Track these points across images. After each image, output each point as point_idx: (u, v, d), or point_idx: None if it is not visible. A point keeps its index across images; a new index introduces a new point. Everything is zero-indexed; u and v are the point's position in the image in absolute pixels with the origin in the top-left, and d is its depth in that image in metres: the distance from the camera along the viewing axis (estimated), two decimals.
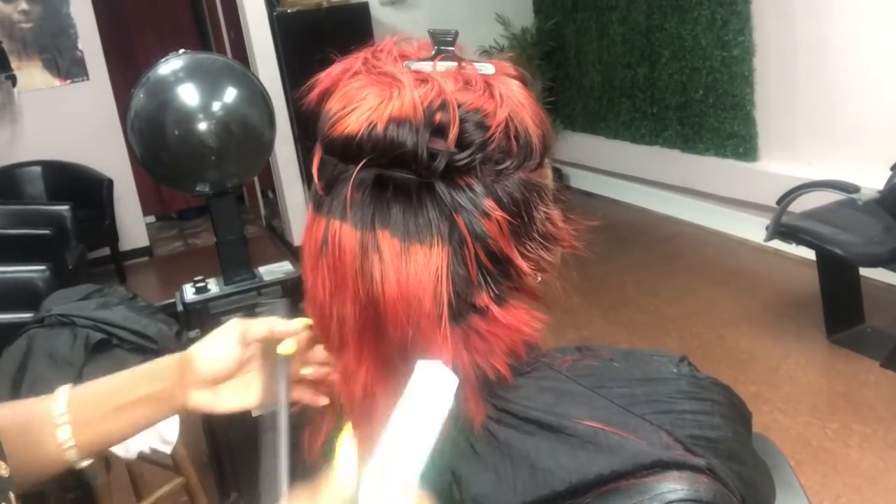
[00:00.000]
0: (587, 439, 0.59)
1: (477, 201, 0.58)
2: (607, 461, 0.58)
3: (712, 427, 0.63)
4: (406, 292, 0.57)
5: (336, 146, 0.59)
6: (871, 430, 2.59)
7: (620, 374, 0.65)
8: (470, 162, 0.57)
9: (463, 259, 0.58)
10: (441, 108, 0.56)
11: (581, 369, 0.65)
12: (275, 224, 5.92)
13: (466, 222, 0.57)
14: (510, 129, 0.59)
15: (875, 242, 2.87)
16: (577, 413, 0.61)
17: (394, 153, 0.56)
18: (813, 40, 3.74)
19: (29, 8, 5.24)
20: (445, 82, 0.58)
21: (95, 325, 2.11)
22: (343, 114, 0.58)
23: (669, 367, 0.67)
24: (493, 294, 0.60)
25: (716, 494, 0.58)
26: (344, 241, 0.58)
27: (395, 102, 0.56)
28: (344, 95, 0.59)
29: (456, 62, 0.61)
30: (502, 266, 0.61)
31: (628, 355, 0.68)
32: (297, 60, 4.83)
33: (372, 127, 0.56)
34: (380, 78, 0.59)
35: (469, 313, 0.60)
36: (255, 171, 2.44)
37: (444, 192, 0.57)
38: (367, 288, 0.58)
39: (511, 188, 0.59)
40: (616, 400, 0.62)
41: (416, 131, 0.55)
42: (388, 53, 0.62)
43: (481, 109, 0.58)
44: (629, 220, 5.08)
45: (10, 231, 4.29)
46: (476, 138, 0.57)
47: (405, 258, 0.57)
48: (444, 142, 0.56)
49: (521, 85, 0.62)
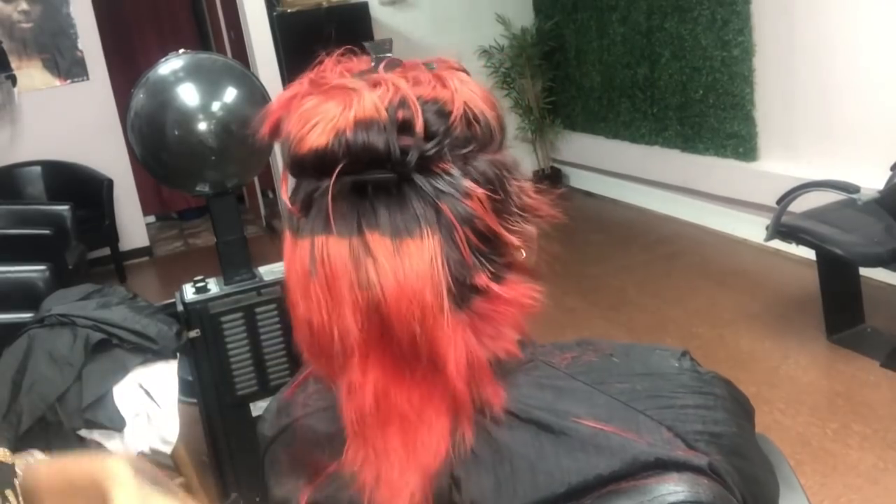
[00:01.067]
0: (587, 440, 0.59)
1: (456, 184, 0.59)
2: (607, 463, 0.58)
3: (715, 422, 0.62)
4: (407, 289, 0.57)
5: (306, 163, 0.59)
6: (871, 430, 2.59)
7: (621, 370, 0.65)
8: (440, 149, 0.58)
9: (455, 243, 0.59)
10: (401, 104, 0.57)
11: (580, 365, 0.65)
12: (275, 224, 5.92)
13: (451, 206, 0.58)
14: (468, 113, 0.60)
15: (875, 242, 2.87)
16: (577, 411, 0.60)
17: (367, 155, 0.57)
18: (813, 40, 3.74)
19: (29, 8, 5.24)
20: (398, 81, 0.59)
21: (95, 325, 2.11)
22: (305, 131, 0.58)
23: (671, 362, 0.67)
24: (490, 272, 0.61)
25: (716, 496, 0.58)
26: (333, 254, 0.58)
27: (355, 108, 0.57)
28: (300, 116, 0.59)
29: (399, 65, 0.62)
30: (492, 243, 0.61)
31: (629, 350, 0.68)
32: (297, 60, 4.82)
33: (340, 134, 0.57)
34: (332, 92, 0.59)
35: (471, 296, 0.60)
36: (255, 171, 2.45)
37: (423, 183, 0.58)
38: (365, 295, 0.58)
39: (482, 168, 0.61)
40: (617, 396, 0.62)
41: (383, 130, 0.56)
42: (332, 71, 0.63)
43: (438, 99, 0.59)
44: (629, 220, 5.08)
45: (10, 231, 4.29)
46: (440, 126, 0.58)
47: (399, 255, 0.57)
48: (411, 136, 0.57)
49: (465, 76, 0.63)
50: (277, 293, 2.29)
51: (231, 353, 2.28)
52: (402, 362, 0.60)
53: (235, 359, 2.29)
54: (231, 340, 2.28)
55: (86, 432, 2.01)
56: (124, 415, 2.03)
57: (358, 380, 0.61)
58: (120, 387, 2.06)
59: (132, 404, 2.05)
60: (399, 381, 0.60)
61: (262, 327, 2.30)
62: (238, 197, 4.44)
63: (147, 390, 2.09)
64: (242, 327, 2.28)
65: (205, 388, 2.32)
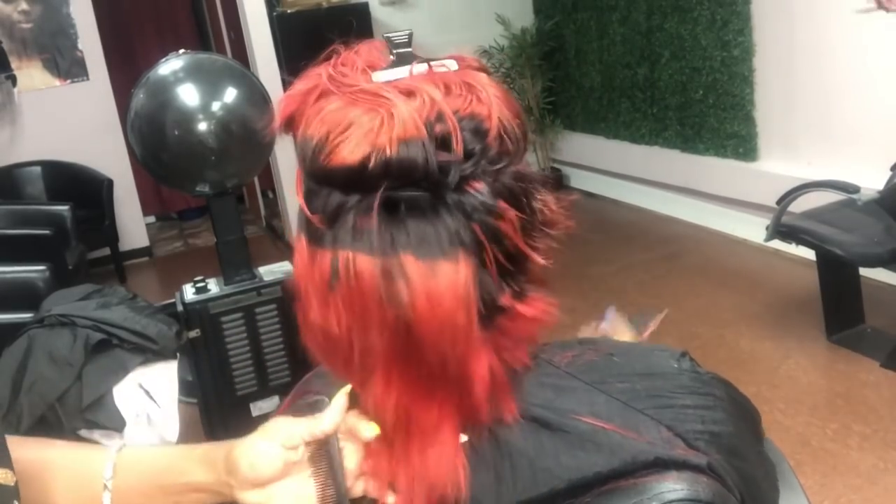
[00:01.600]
0: (587, 437, 0.59)
1: (489, 204, 0.57)
2: (607, 460, 0.58)
3: (714, 422, 0.63)
4: (440, 311, 0.56)
5: (337, 176, 0.56)
6: (871, 430, 2.59)
7: (621, 369, 0.65)
8: (476, 168, 0.56)
9: (484, 264, 0.57)
10: (438, 119, 0.55)
11: (581, 365, 0.65)
12: (275, 224, 5.92)
13: (482, 226, 0.57)
14: (501, 128, 0.58)
15: (875, 242, 2.87)
16: (577, 409, 0.61)
17: (407, 174, 0.55)
18: (813, 40, 3.74)
19: (29, 8, 5.24)
20: (432, 90, 0.57)
21: (95, 325, 2.11)
22: (335, 143, 0.55)
23: (670, 362, 0.67)
24: (514, 291, 0.60)
25: (715, 494, 0.58)
26: (361, 272, 0.56)
27: (396, 123, 0.54)
28: (323, 121, 0.56)
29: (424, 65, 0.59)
30: (518, 262, 0.60)
31: (629, 350, 0.68)
32: (297, 60, 4.81)
33: (380, 152, 0.54)
34: (359, 97, 0.56)
35: (496, 316, 0.59)
36: (255, 171, 2.45)
37: (455, 202, 0.56)
38: (394, 314, 0.56)
39: (511, 185, 0.59)
40: (616, 395, 0.62)
41: (423, 148, 0.54)
42: (353, 66, 0.60)
43: (476, 115, 0.57)
44: (629, 221, 5.08)
45: (10, 231, 4.29)
46: (477, 144, 0.57)
47: (432, 277, 0.56)
48: (448, 153, 0.55)
49: (489, 77, 0.61)
50: (277, 293, 2.29)
51: (231, 353, 2.28)
52: (425, 381, 0.59)
53: (235, 359, 2.29)
54: (231, 340, 2.28)
55: (86, 432, 2.01)
56: (124, 415, 2.03)
57: (380, 395, 0.60)
58: (120, 387, 2.06)
59: (132, 404, 2.05)
60: (421, 398, 0.60)
61: (262, 327, 2.30)
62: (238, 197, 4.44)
63: (147, 390, 2.09)
64: (242, 327, 2.28)
65: (205, 388, 2.32)
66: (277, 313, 2.30)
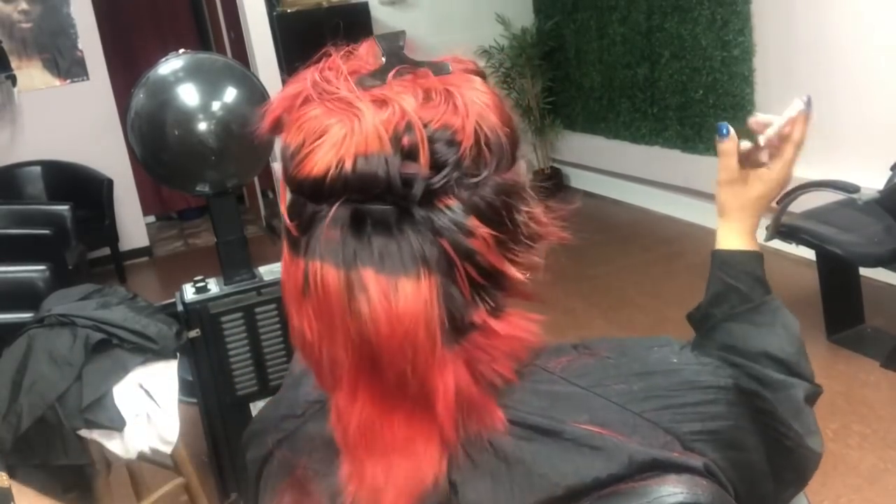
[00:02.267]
0: (583, 442, 0.59)
1: (459, 221, 0.56)
2: (605, 465, 0.58)
3: (713, 417, 0.62)
4: (398, 328, 0.55)
5: (305, 188, 0.56)
6: (871, 430, 2.59)
7: (618, 370, 0.64)
8: (446, 183, 0.55)
9: (454, 280, 0.56)
10: (407, 130, 0.54)
11: (577, 369, 0.64)
12: (275, 224, 5.92)
13: (452, 243, 0.56)
14: (480, 137, 0.57)
15: (875, 242, 2.87)
16: (573, 415, 0.60)
17: (366, 189, 0.54)
18: (813, 40, 3.74)
19: (29, 8, 5.24)
20: (405, 100, 0.55)
21: (95, 325, 2.11)
22: (305, 152, 0.55)
23: (670, 358, 0.66)
24: (489, 307, 0.59)
25: (715, 497, 0.58)
26: (328, 282, 0.56)
27: (357, 135, 0.54)
28: (299, 128, 0.56)
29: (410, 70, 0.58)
30: (494, 278, 0.59)
31: (627, 349, 0.67)
32: (297, 60, 4.80)
33: (340, 166, 0.54)
34: (335, 105, 0.56)
35: (468, 331, 0.58)
36: (255, 171, 2.45)
37: (423, 218, 0.55)
38: (357, 327, 0.56)
39: (489, 197, 0.57)
40: (613, 398, 0.61)
41: (385, 161, 0.53)
42: (337, 72, 0.59)
43: (448, 125, 0.56)
44: (629, 221, 5.08)
45: (10, 231, 4.29)
46: (449, 157, 0.55)
47: (393, 294, 0.55)
48: (416, 164, 0.54)
49: (482, 81, 0.60)
50: (277, 293, 2.29)
51: (231, 353, 2.28)
52: (389, 396, 0.59)
53: (235, 359, 2.29)
54: (231, 340, 2.28)
55: (86, 432, 2.00)
56: (124, 415, 2.03)
57: (345, 406, 0.60)
58: (120, 387, 2.05)
59: (132, 404, 2.05)
60: (386, 414, 0.59)
61: (262, 327, 2.30)
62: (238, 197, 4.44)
63: (147, 390, 2.08)
64: (242, 327, 2.28)
65: (205, 388, 2.32)
66: (277, 313, 2.30)
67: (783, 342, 0.78)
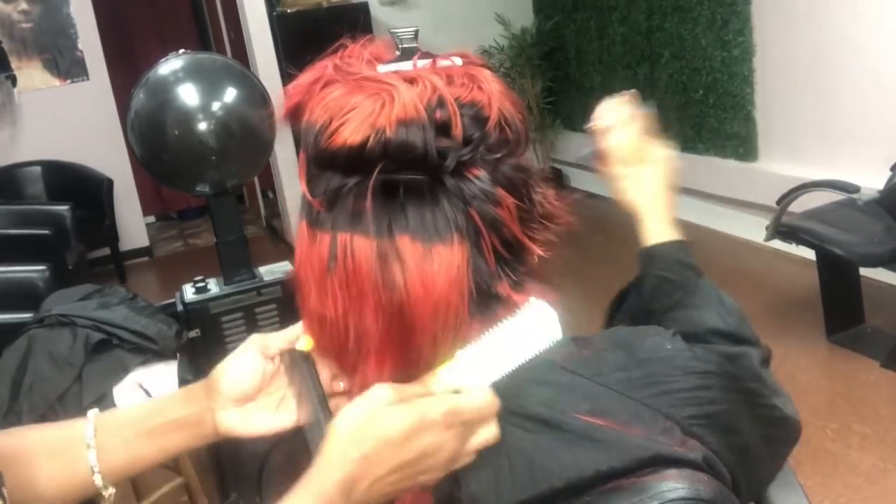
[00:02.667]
0: (584, 435, 0.59)
1: (488, 191, 0.58)
2: (605, 458, 0.58)
3: (710, 402, 0.63)
4: (434, 294, 0.57)
5: (338, 158, 0.57)
6: (871, 430, 2.59)
7: (617, 360, 0.65)
8: (474, 155, 0.58)
9: (480, 251, 0.58)
10: (439, 105, 0.56)
11: (579, 360, 0.65)
12: (275, 224, 5.92)
13: (480, 213, 0.58)
14: (501, 116, 0.59)
15: (875, 242, 2.87)
16: (575, 406, 0.61)
17: (405, 156, 0.56)
18: (813, 40, 3.74)
19: (29, 8, 5.24)
20: (434, 79, 0.58)
21: (95, 325, 2.11)
22: (337, 124, 0.56)
23: (664, 345, 0.67)
24: (511, 281, 0.61)
25: (715, 493, 0.58)
26: (358, 254, 0.57)
27: (396, 105, 0.55)
28: (326, 107, 0.57)
29: (429, 59, 0.61)
30: (516, 252, 0.61)
31: (621, 339, 0.69)
32: (297, 60, 4.81)
33: (380, 133, 0.55)
34: (363, 84, 0.57)
35: (492, 303, 0.60)
36: (255, 171, 2.45)
37: (454, 187, 0.57)
38: (389, 296, 0.57)
39: (510, 175, 0.60)
40: (615, 386, 0.62)
41: (422, 131, 0.55)
42: (359, 58, 0.61)
43: (476, 102, 0.58)
44: (629, 221, 5.07)
45: (10, 231, 4.29)
46: (476, 131, 0.58)
47: (428, 260, 0.56)
48: (448, 138, 0.56)
49: (492, 74, 0.62)
50: (277, 293, 2.29)
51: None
52: (416, 366, 0.60)
53: None
54: (231, 340, 2.28)
55: None
56: None
57: (373, 380, 0.60)
58: (120, 387, 2.05)
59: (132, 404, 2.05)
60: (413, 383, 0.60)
61: (262, 327, 2.30)
62: (238, 197, 4.44)
63: (147, 390, 2.08)
64: (242, 327, 2.28)
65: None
66: (277, 313, 2.30)
67: (725, 315, 0.80)
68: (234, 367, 0.70)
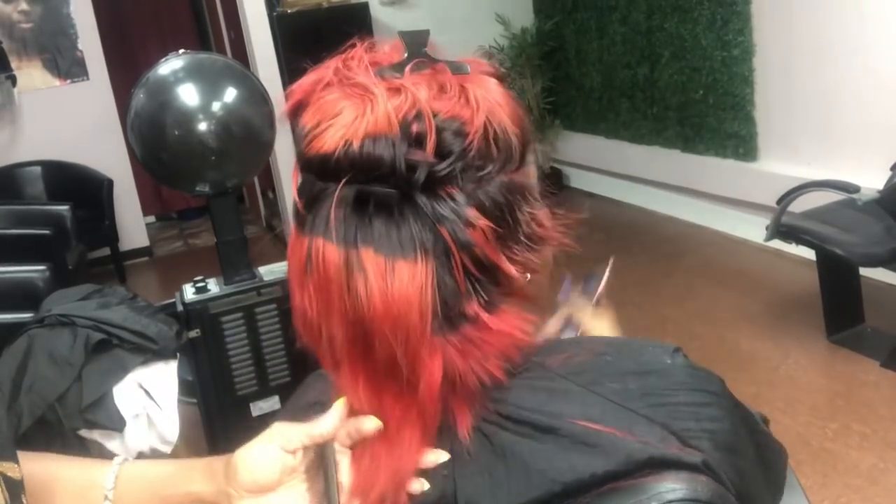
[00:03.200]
0: (580, 439, 0.59)
1: (459, 211, 0.57)
2: (601, 461, 0.58)
3: (709, 419, 0.62)
4: (392, 309, 0.56)
5: (313, 165, 0.58)
6: (871, 430, 2.59)
7: (614, 369, 0.64)
8: (450, 171, 0.57)
9: (449, 269, 0.57)
10: (416, 118, 0.56)
11: (574, 366, 0.64)
12: (275, 224, 5.92)
13: (451, 232, 0.57)
14: (489, 132, 0.58)
15: (875, 242, 2.87)
16: (570, 412, 0.60)
17: (371, 169, 0.56)
18: (813, 40, 3.74)
19: (29, 8, 5.24)
20: (419, 90, 0.57)
21: (95, 325, 2.11)
22: (318, 131, 0.57)
23: (664, 359, 0.66)
24: (483, 301, 0.60)
25: (714, 494, 0.57)
26: (328, 260, 0.58)
27: (368, 117, 0.55)
28: (317, 110, 0.58)
29: (429, 65, 0.60)
30: (490, 272, 0.60)
31: (621, 348, 0.68)
32: (297, 60, 4.79)
33: (348, 145, 0.55)
34: (352, 90, 0.58)
35: (460, 322, 0.59)
36: (255, 171, 2.45)
37: (425, 204, 0.57)
38: (353, 305, 0.57)
39: (493, 193, 0.59)
40: (610, 396, 0.61)
41: (392, 145, 0.55)
42: (359, 62, 0.61)
43: (458, 116, 0.57)
44: (629, 221, 5.08)
45: (10, 231, 4.29)
46: (455, 147, 0.57)
47: (390, 275, 0.56)
48: (423, 152, 0.56)
49: (497, 83, 0.62)
50: (277, 293, 2.29)
51: (231, 353, 2.28)
52: (382, 378, 0.60)
53: (235, 359, 2.29)
54: (231, 340, 2.28)
55: (86, 432, 2.01)
56: (124, 415, 2.03)
57: (349, 386, 0.61)
58: (120, 387, 2.05)
59: (132, 404, 2.05)
60: (380, 395, 0.60)
61: (262, 327, 2.30)
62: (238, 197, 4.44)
63: (147, 390, 2.09)
64: (242, 327, 2.28)
65: (205, 388, 2.32)
66: (277, 313, 2.30)
67: None
68: (253, 457, 0.67)
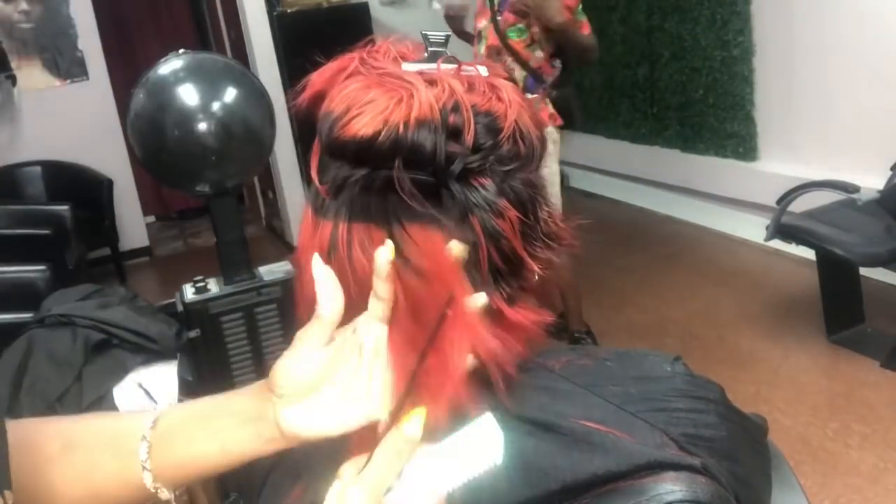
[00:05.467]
0: (581, 438, 0.59)
1: (491, 200, 0.58)
2: (602, 461, 0.58)
3: (707, 426, 0.63)
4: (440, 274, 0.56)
5: (348, 149, 0.57)
6: (871, 430, 2.59)
7: (615, 374, 0.65)
8: (483, 163, 0.57)
9: (475, 262, 0.58)
10: (454, 109, 0.56)
11: (575, 369, 0.65)
12: (275, 224, 5.92)
13: (481, 221, 0.58)
14: (517, 131, 0.59)
15: (875, 242, 2.87)
16: (571, 412, 0.61)
17: (413, 155, 0.56)
18: (813, 40, 3.74)
19: (29, 8, 5.24)
20: (454, 84, 0.58)
21: (95, 325, 2.11)
22: (352, 116, 0.57)
23: (664, 367, 0.67)
24: (505, 294, 0.60)
25: (713, 495, 0.58)
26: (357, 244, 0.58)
27: (413, 103, 0.55)
28: (345, 97, 0.58)
29: (454, 64, 0.61)
30: (513, 266, 0.61)
31: (622, 355, 0.68)
32: (297, 60, 4.82)
33: (392, 128, 0.55)
34: (384, 79, 0.58)
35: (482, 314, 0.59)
36: (255, 171, 2.45)
37: (458, 192, 0.57)
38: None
39: (518, 189, 0.60)
40: (610, 398, 0.62)
41: (434, 132, 0.55)
42: (386, 54, 0.62)
43: (492, 111, 0.58)
44: (629, 220, 5.08)
45: (10, 231, 4.29)
46: (488, 140, 0.58)
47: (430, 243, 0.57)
48: (458, 143, 0.56)
49: (514, 87, 0.62)
50: (277, 293, 2.29)
51: (231, 353, 2.28)
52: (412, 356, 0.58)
53: (235, 359, 2.29)
54: (231, 340, 2.28)
55: None
56: None
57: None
58: (120, 387, 2.06)
59: (132, 404, 2.05)
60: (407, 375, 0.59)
61: (262, 327, 2.30)
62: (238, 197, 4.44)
63: (147, 390, 2.09)
64: (242, 327, 2.28)
65: (205, 388, 2.32)
66: (277, 313, 2.30)
67: None
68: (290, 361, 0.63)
